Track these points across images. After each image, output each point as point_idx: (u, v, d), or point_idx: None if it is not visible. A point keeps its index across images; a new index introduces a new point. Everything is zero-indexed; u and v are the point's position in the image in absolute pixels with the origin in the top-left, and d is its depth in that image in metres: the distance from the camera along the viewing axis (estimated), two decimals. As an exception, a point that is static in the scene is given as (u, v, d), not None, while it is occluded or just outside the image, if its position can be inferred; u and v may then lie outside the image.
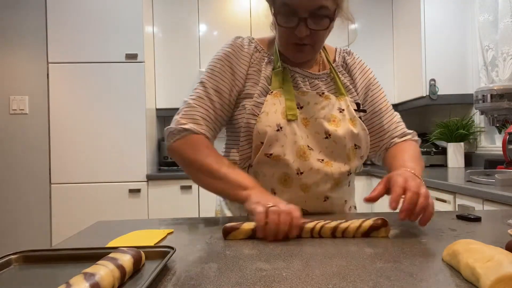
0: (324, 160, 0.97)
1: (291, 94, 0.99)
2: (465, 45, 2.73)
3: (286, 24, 0.93)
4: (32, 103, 3.00)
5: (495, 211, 1.01)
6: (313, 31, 0.92)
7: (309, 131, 0.98)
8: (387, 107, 1.11)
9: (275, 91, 0.99)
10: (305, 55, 0.99)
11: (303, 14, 0.89)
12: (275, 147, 0.95)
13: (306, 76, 1.04)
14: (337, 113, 1.00)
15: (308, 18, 0.90)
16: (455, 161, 2.69)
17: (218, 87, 1.00)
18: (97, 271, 0.46)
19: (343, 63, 1.10)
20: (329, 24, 0.93)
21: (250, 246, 0.68)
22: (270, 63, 1.04)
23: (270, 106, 0.97)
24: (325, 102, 1.00)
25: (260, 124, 0.96)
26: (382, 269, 0.54)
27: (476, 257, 0.48)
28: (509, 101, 2.09)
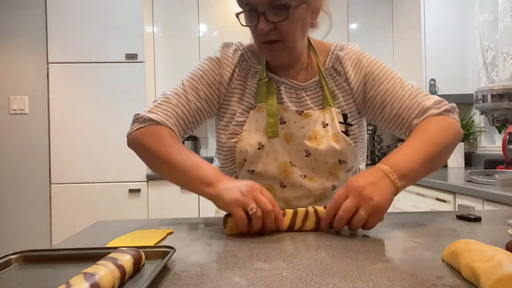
0: (306, 175, 0.96)
1: (273, 109, 0.96)
2: (465, 45, 2.73)
3: (249, 22, 0.90)
4: (32, 103, 3.00)
5: (495, 211, 1.01)
6: (276, 23, 0.86)
7: (290, 148, 0.96)
8: (394, 92, 0.97)
9: (259, 105, 0.97)
10: (279, 54, 0.92)
11: (261, 8, 0.86)
12: (257, 165, 0.95)
13: (292, 87, 0.99)
14: (320, 129, 0.95)
15: (267, 11, 0.85)
16: (455, 161, 2.69)
17: (197, 89, 0.98)
18: (97, 271, 0.46)
19: (335, 62, 1.01)
20: (287, 13, 0.85)
21: (250, 246, 0.68)
22: (256, 73, 1.00)
23: (253, 123, 0.96)
24: (305, 120, 0.95)
25: (242, 143, 0.95)
26: (382, 269, 0.54)
27: (476, 257, 0.48)
28: (509, 101, 2.09)
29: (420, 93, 0.96)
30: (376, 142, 3.44)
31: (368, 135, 3.42)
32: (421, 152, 0.84)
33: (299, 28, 0.90)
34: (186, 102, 0.97)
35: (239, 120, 0.98)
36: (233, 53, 1.02)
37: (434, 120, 0.92)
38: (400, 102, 0.96)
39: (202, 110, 0.99)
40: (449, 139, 0.90)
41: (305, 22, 0.92)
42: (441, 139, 0.88)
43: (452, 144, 0.93)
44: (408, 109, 0.95)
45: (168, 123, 0.93)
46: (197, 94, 0.98)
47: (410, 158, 0.82)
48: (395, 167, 0.79)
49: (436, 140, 0.87)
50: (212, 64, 1.01)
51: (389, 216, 0.92)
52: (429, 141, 0.87)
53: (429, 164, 0.86)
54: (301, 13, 0.88)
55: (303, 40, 0.96)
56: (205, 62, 1.02)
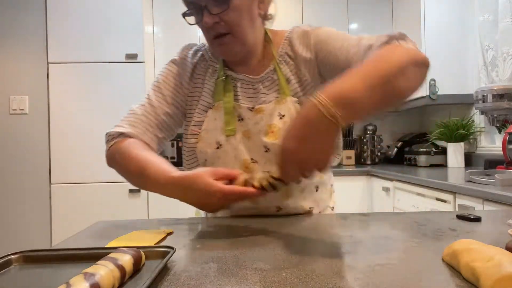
0: (270, 171, 0.92)
1: (230, 106, 0.95)
2: (465, 45, 2.73)
3: (195, 20, 0.90)
4: (32, 103, 3.00)
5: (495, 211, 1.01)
6: (220, 16, 0.86)
7: (251, 144, 0.95)
8: (342, 46, 0.89)
9: (217, 104, 0.97)
10: (230, 47, 0.91)
11: (203, 2, 0.86)
12: (218, 164, 0.94)
13: (249, 82, 0.98)
14: (277, 121, 0.92)
15: (208, 4, 0.86)
16: (455, 161, 2.69)
17: (162, 95, 0.99)
18: (97, 271, 0.46)
19: (287, 47, 0.98)
20: (228, 3, 0.85)
21: (250, 246, 0.68)
22: (215, 72, 1.00)
23: (211, 122, 0.96)
24: (258, 116, 0.94)
25: (201, 144, 0.96)
26: (382, 268, 0.54)
27: (476, 257, 0.48)
28: (509, 101, 2.09)
29: (367, 38, 0.86)
30: (376, 142, 3.44)
31: (368, 135, 3.42)
32: (363, 73, 0.66)
33: (245, 18, 0.89)
34: (152, 110, 0.97)
35: (197, 119, 0.98)
36: (193, 53, 1.03)
37: (377, 50, 0.78)
38: (348, 51, 0.87)
39: (173, 114, 1.00)
40: (400, 58, 0.70)
41: (252, 13, 0.91)
42: (388, 58, 0.70)
43: (408, 65, 0.71)
44: (355, 53, 0.86)
45: (136, 133, 0.94)
46: (163, 100, 0.99)
47: (349, 81, 0.65)
48: (330, 95, 0.61)
49: (381, 60, 0.70)
50: (172, 67, 1.02)
51: (389, 216, 0.92)
52: (371, 63, 0.69)
53: (380, 87, 0.65)
54: (244, 2, 0.88)
55: (254, 31, 0.93)
56: (166, 67, 1.04)
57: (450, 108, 2.97)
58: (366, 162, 3.44)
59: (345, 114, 0.61)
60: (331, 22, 3.28)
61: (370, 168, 2.99)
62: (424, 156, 2.94)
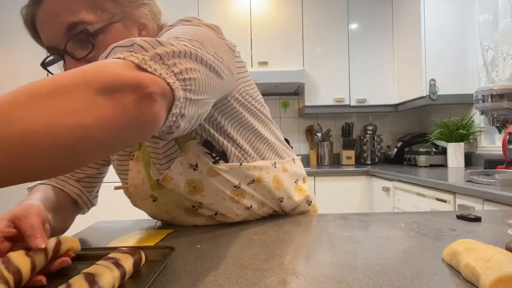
0: (217, 213, 0.84)
1: (147, 157, 0.81)
2: (465, 45, 2.73)
3: (63, 68, 0.71)
4: (32, 103, 3.01)
5: (495, 211, 1.01)
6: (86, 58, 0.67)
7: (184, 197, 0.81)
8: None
9: (136, 154, 0.83)
10: None
11: (61, 46, 0.68)
12: (161, 215, 0.88)
13: None
14: (192, 174, 0.77)
15: (69, 48, 0.67)
16: (455, 161, 2.69)
17: None
18: (97, 271, 0.46)
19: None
20: (92, 43, 0.66)
21: (250, 246, 0.68)
22: None
23: (136, 176, 0.82)
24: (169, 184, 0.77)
25: (134, 200, 0.86)
26: (382, 269, 0.54)
27: (476, 257, 0.48)
28: (509, 101, 2.09)
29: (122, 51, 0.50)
30: (376, 142, 3.44)
31: (368, 135, 3.42)
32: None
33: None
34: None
35: (120, 171, 0.88)
36: None
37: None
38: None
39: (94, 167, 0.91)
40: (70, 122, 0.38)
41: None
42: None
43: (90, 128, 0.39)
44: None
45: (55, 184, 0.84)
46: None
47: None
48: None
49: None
50: None
51: (389, 216, 0.92)
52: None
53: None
54: (115, 35, 0.69)
55: None
56: None
57: (450, 108, 2.97)
58: (366, 162, 3.44)
59: None
60: (331, 22, 3.28)
61: (370, 168, 2.99)
62: (424, 156, 2.94)
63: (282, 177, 0.92)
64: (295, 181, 0.97)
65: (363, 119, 3.66)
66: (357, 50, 3.29)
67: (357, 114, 3.62)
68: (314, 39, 3.29)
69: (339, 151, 3.62)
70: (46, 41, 0.70)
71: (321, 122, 3.62)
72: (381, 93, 3.29)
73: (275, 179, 0.90)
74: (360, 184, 2.96)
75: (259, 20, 3.25)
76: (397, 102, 3.25)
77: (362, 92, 3.28)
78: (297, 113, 3.65)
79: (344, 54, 3.29)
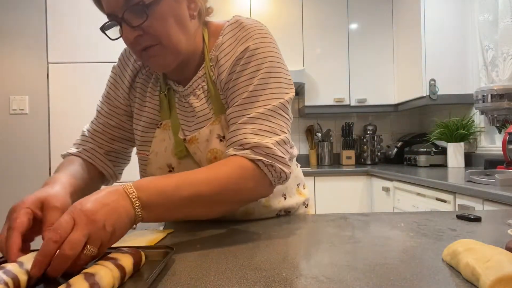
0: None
1: (177, 124, 0.86)
2: (465, 45, 2.73)
3: (118, 35, 0.77)
4: (32, 103, 3.00)
5: (495, 211, 1.01)
6: (141, 27, 0.73)
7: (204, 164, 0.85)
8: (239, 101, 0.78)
9: (164, 123, 0.87)
10: (161, 59, 0.78)
11: (119, 13, 0.73)
12: None
13: (182, 96, 0.87)
14: (217, 144, 0.81)
15: (126, 15, 0.73)
16: (455, 161, 2.69)
17: (111, 106, 0.95)
18: (97, 271, 0.46)
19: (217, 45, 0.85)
20: (146, 12, 0.72)
21: (250, 246, 0.68)
22: (157, 81, 0.90)
23: (159, 144, 0.87)
24: (193, 146, 0.83)
25: (151, 167, 0.88)
26: (382, 269, 0.54)
27: (476, 257, 0.48)
28: (509, 101, 2.09)
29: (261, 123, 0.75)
30: (376, 142, 3.44)
31: (368, 135, 3.42)
32: (189, 192, 0.65)
33: (172, 25, 0.76)
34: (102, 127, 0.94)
35: (143, 138, 0.90)
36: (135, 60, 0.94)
37: (234, 163, 0.72)
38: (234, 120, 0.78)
39: (126, 125, 0.95)
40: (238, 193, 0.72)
41: (180, 16, 0.77)
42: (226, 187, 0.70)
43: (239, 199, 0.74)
44: (233, 131, 0.77)
45: (77, 151, 0.92)
46: (113, 111, 0.94)
47: (168, 191, 0.64)
48: (142, 193, 0.61)
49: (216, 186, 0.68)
50: (114, 74, 0.96)
51: (389, 216, 0.92)
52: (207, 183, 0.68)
53: (191, 209, 0.68)
54: (167, 7, 0.75)
55: (187, 36, 0.80)
56: (110, 74, 0.97)
57: (450, 108, 2.97)
58: (366, 162, 3.44)
59: (144, 216, 0.61)
60: (331, 22, 3.28)
61: (370, 168, 2.99)
62: (424, 156, 2.94)
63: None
64: (297, 185, 1.02)
65: (363, 119, 3.66)
66: (357, 50, 3.29)
67: (357, 114, 3.62)
68: (314, 39, 3.29)
69: (339, 151, 3.62)
70: (107, 8, 0.75)
71: (321, 122, 3.62)
72: (381, 93, 3.29)
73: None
74: (360, 184, 2.96)
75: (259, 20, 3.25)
76: (397, 102, 3.25)
77: (362, 92, 3.28)
78: (297, 113, 3.65)
79: (344, 54, 3.29)
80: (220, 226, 0.85)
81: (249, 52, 0.79)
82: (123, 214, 0.58)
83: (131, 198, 0.59)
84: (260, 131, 0.74)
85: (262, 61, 0.79)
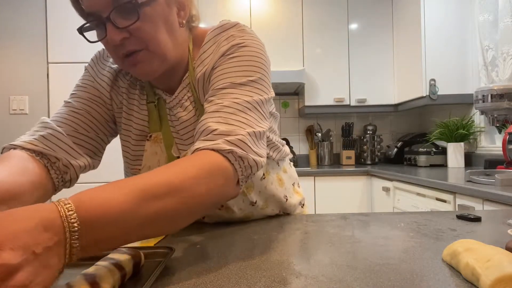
0: (223, 205, 0.85)
1: (170, 138, 0.81)
2: (465, 45, 2.73)
3: (100, 36, 0.70)
4: (32, 103, 3.00)
5: (495, 211, 1.01)
6: (129, 29, 0.68)
7: None
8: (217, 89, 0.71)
9: (154, 135, 0.82)
10: (146, 66, 0.72)
11: (105, 14, 0.67)
12: None
13: (169, 107, 0.82)
14: None
15: (113, 16, 0.67)
16: (455, 161, 2.69)
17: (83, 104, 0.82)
18: (97, 271, 0.46)
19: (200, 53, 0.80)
20: (138, 12, 0.67)
21: (250, 246, 0.68)
22: (143, 89, 0.83)
23: (151, 158, 0.81)
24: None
25: None
26: (382, 269, 0.54)
27: (476, 257, 0.48)
28: (509, 101, 2.09)
29: (233, 112, 0.67)
30: (376, 142, 3.44)
31: (368, 135, 3.42)
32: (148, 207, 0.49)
33: (162, 29, 0.71)
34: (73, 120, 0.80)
35: (135, 153, 0.84)
36: (113, 62, 0.85)
37: (202, 158, 0.60)
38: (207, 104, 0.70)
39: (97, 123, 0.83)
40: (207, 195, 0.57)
41: (171, 22, 0.73)
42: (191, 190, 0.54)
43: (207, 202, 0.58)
44: (205, 118, 0.67)
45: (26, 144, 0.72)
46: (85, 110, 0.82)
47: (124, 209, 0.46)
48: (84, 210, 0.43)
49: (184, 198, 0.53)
50: (86, 78, 0.87)
51: (389, 216, 0.92)
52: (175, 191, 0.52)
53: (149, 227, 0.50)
54: (159, 10, 0.70)
55: (175, 43, 0.75)
56: (82, 76, 0.88)
57: (450, 108, 2.97)
58: (366, 162, 3.44)
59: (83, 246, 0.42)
60: (331, 22, 3.28)
61: (370, 168, 2.99)
62: (424, 156, 2.94)
63: (283, 176, 0.95)
64: (292, 184, 1.01)
65: (363, 119, 3.66)
66: (357, 50, 3.29)
67: (357, 114, 3.62)
68: (314, 39, 3.29)
69: (339, 151, 3.62)
70: (89, 6, 0.68)
71: (321, 122, 3.62)
72: (381, 93, 3.29)
73: (278, 177, 0.92)
74: (360, 184, 2.96)
75: (259, 20, 3.25)
76: (397, 102, 3.25)
77: (362, 92, 3.28)
78: (297, 113, 3.65)
79: (344, 54, 3.29)
80: (220, 226, 0.85)
81: (229, 50, 0.75)
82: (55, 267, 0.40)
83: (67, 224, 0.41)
84: (233, 121, 0.65)
85: (246, 58, 0.74)
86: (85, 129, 0.81)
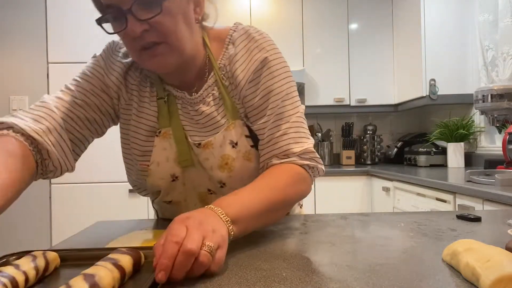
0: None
1: (180, 134, 0.82)
2: (465, 45, 2.73)
3: (118, 28, 0.72)
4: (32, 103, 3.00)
5: (495, 211, 1.01)
6: (149, 21, 0.69)
7: (206, 176, 0.85)
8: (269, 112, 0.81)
9: (164, 131, 0.83)
10: (165, 59, 0.73)
11: (126, 6, 0.68)
12: (173, 195, 0.87)
13: (188, 103, 0.83)
14: (229, 151, 0.82)
15: (134, 8, 0.68)
16: (455, 161, 2.69)
17: (85, 96, 0.84)
18: (97, 272, 0.46)
19: (227, 60, 0.83)
20: (161, 5, 0.68)
21: (250, 246, 0.68)
22: (153, 85, 0.85)
23: (160, 153, 0.83)
24: (207, 151, 0.82)
25: (152, 178, 0.84)
26: (382, 269, 0.54)
27: (476, 257, 0.48)
28: (509, 101, 2.09)
29: (297, 131, 0.81)
30: (376, 142, 3.44)
31: (368, 135, 3.42)
32: (263, 201, 0.69)
33: (181, 23, 0.73)
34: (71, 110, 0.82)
35: (144, 149, 0.84)
36: (125, 54, 0.86)
37: (288, 170, 0.78)
38: (269, 132, 0.81)
39: (93, 122, 0.84)
40: (296, 195, 0.78)
41: (188, 16, 0.75)
42: (288, 192, 0.75)
43: (295, 200, 0.80)
44: (273, 144, 0.80)
45: (25, 128, 0.73)
46: (85, 102, 0.83)
47: (248, 205, 0.66)
48: (228, 210, 0.61)
49: (282, 193, 0.73)
50: (95, 68, 0.87)
51: (389, 216, 0.92)
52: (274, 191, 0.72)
53: (267, 217, 0.71)
54: (179, 4, 0.72)
55: (192, 38, 0.77)
56: (90, 65, 0.88)
57: (450, 108, 2.97)
58: (366, 162, 3.44)
59: (234, 232, 0.61)
60: (331, 22, 3.28)
61: (370, 168, 2.99)
62: (424, 156, 2.94)
63: None
64: None
65: (363, 119, 3.66)
66: (357, 50, 3.29)
67: (357, 114, 3.62)
68: (314, 39, 3.28)
69: (339, 151, 3.62)
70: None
71: (321, 122, 3.62)
72: (381, 93, 3.29)
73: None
74: (360, 184, 2.96)
75: (259, 20, 3.25)
76: (397, 102, 3.25)
77: (362, 92, 3.28)
78: (297, 113, 3.64)
79: (344, 54, 3.29)
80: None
81: (268, 64, 0.82)
82: (222, 227, 0.58)
83: (222, 218, 0.59)
84: (299, 138, 0.81)
85: (283, 70, 0.83)
86: (80, 127, 0.83)
